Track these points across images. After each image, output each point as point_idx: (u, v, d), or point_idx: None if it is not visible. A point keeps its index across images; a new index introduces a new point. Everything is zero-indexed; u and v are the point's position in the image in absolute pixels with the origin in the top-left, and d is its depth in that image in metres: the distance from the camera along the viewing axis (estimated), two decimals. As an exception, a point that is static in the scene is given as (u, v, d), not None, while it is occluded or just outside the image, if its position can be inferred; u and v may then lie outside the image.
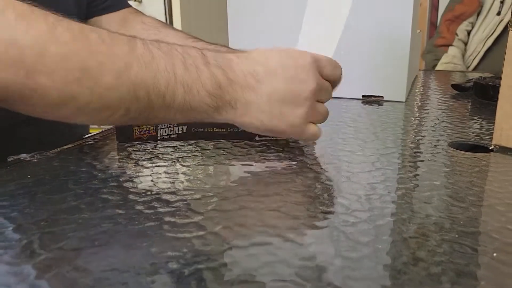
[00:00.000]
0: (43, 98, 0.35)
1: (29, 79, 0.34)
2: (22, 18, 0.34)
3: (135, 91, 0.37)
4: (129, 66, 0.37)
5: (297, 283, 0.26)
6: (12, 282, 0.26)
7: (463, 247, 0.29)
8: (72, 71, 0.35)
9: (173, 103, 0.39)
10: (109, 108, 0.37)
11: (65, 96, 0.35)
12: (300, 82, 0.43)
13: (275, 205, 0.36)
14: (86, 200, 0.37)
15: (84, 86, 0.35)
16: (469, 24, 1.66)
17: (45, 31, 0.34)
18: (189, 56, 0.40)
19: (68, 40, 0.35)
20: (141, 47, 0.38)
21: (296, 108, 0.43)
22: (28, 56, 0.33)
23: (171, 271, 0.27)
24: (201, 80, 0.40)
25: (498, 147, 0.49)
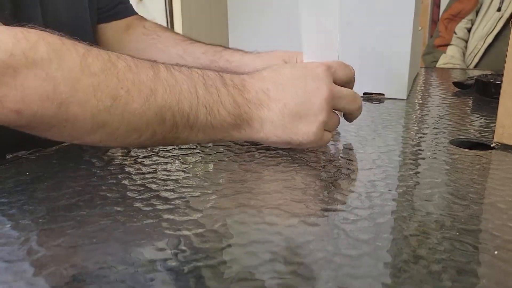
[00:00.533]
0: (75, 127, 0.37)
1: (62, 110, 0.35)
2: (55, 52, 0.35)
3: (161, 114, 0.39)
4: (155, 91, 0.38)
5: (297, 281, 0.25)
6: (10, 279, 0.26)
7: (464, 245, 0.29)
8: (103, 101, 0.36)
9: (196, 123, 0.41)
10: (137, 131, 0.39)
11: (96, 124, 0.37)
12: (311, 94, 0.43)
13: (274, 202, 0.36)
14: (84, 197, 0.37)
15: (114, 114, 0.37)
16: (468, 21, 1.66)
17: (77, 64, 0.36)
18: (208, 78, 0.42)
19: (98, 71, 0.36)
20: (164, 72, 0.40)
21: (310, 120, 0.43)
22: (61, 90, 0.35)
23: (169, 268, 0.27)
24: (221, 100, 0.41)
25: (500, 144, 0.49)
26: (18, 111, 0.34)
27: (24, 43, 0.34)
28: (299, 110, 0.43)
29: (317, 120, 0.43)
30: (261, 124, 0.43)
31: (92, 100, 0.36)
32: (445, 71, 1.21)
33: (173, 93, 0.39)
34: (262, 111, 0.43)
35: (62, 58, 0.35)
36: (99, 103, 0.36)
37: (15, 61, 0.33)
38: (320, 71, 0.44)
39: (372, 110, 0.69)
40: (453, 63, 1.62)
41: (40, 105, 0.35)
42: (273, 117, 0.43)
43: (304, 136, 0.44)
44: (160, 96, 0.38)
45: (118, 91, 0.37)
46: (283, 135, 0.44)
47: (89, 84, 0.36)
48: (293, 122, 0.43)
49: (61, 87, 0.35)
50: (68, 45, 0.36)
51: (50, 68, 0.34)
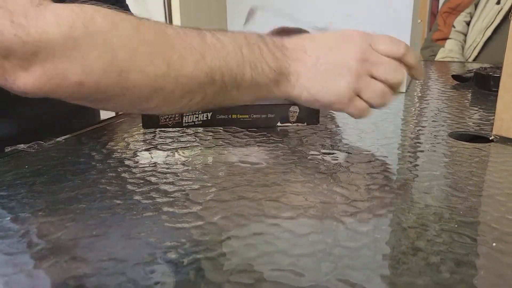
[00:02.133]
0: (134, 94, 0.38)
1: (122, 78, 0.36)
2: (111, 23, 0.36)
3: (212, 75, 0.40)
4: (204, 54, 0.40)
5: (296, 273, 0.26)
6: (10, 271, 0.26)
7: (462, 237, 0.29)
8: (159, 66, 0.38)
9: (243, 81, 0.42)
10: (189, 94, 0.40)
11: (153, 90, 0.38)
12: (343, 52, 0.44)
13: (274, 195, 0.36)
14: (84, 190, 0.37)
15: (169, 78, 0.38)
16: (467, 15, 1.65)
17: (133, 32, 0.37)
18: (251, 37, 0.44)
19: (153, 39, 0.38)
20: (210, 37, 0.41)
21: (341, 77, 0.44)
22: (120, 58, 0.36)
23: (169, 260, 0.27)
24: (264, 57, 0.43)
25: (498, 137, 0.49)
26: (81, 82, 0.35)
27: (82, 15, 0.35)
28: (331, 66, 0.44)
29: (346, 79, 0.44)
30: (296, 78, 0.45)
31: (150, 66, 0.37)
32: (444, 64, 1.21)
33: (221, 55, 0.41)
34: (298, 65, 0.44)
35: (118, 28, 0.36)
36: (156, 69, 0.38)
37: (76, 33, 0.34)
38: (356, 34, 0.45)
39: (371, 103, 0.69)
40: (451, 57, 1.62)
41: (101, 74, 0.36)
42: (307, 71, 0.44)
43: (332, 94, 0.44)
44: (210, 59, 0.40)
45: (171, 57, 0.38)
46: (314, 91, 0.45)
47: (146, 51, 0.37)
48: (324, 78, 0.44)
49: (120, 56, 0.36)
50: (122, 16, 0.37)
51: (108, 38, 0.35)
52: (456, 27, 1.65)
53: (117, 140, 0.50)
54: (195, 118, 0.53)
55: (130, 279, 0.25)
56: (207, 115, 0.53)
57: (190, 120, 0.53)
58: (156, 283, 0.25)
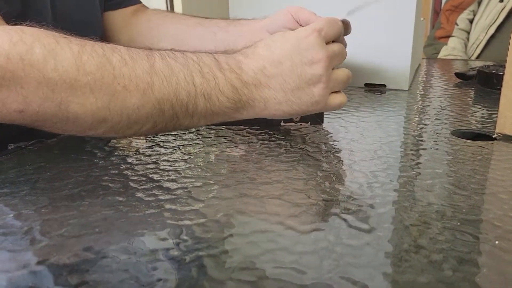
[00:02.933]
0: (76, 124, 0.38)
1: (62, 109, 0.36)
2: (50, 54, 0.35)
3: (160, 105, 0.39)
4: (151, 84, 0.39)
5: (298, 270, 0.26)
6: (13, 268, 0.26)
7: (465, 235, 0.29)
8: (100, 98, 0.37)
9: (196, 111, 0.41)
10: (138, 124, 0.39)
11: (96, 120, 0.38)
12: (309, 63, 0.43)
13: (276, 192, 0.36)
14: (86, 187, 0.37)
15: (113, 110, 0.38)
16: (470, 12, 1.65)
17: (72, 63, 0.36)
18: (204, 65, 0.42)
19: (94, 69, 0.37)
20: (160, 61, 0.40)
21: (313, 88, 0.44)
22: (59, 90, 0.36)
23: (172, 257, 0.27)
24: (219, 87, 0.41)
25: (501, 135, 0.49)
26: (20, 111, 0.35)
27: (20, 45, 0.34)
28: (299, 82, 0.43)
29: (318, 87, 0.44)
30: (264, 103, 0.44)
31: (91, 98, 0.36)
32: (447, 62, 1.20)
33: (170, 85, 0.39)
34: (263, 91, 0.43)
35: (58, 59, 0.35)
36: (98, 101, 0.37)
37: (12, 65, 0.34)
38: (312, 39, 0.44)
39: (374, 101, 0.69)
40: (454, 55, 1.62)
41: (40, 104, 0.36)
42: (275, 94, 0.43)
43: (308, 103, 0.44)
44: (157, 89, 0.39)
45: (115, 87, 0.37)
46: (289, 109, 0.44)
47: (86, 83, 0.36)
48: (296, 95, 0.44)
49: (59, 88, 0.35)
50: (62, 44, 0.36)
51: (46, 70, 0.35)
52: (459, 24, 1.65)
53: (120, 138, 0.50)
54: None
55: (133, 276, 0.25)
56: None
57: None
58: (158, 280, 0.25)
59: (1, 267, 0.26)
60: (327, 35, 0.45)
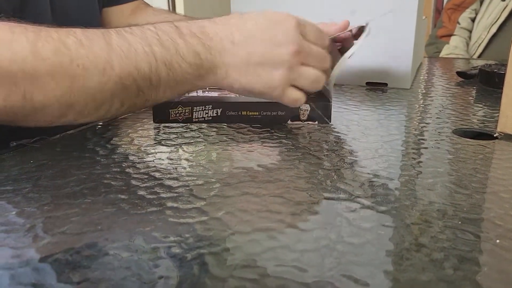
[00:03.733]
0: (45, 113, 0.37)
1: (27, 100, 0.36)
2: (5, 46, 0.35)
3: (122, 81, 0.38)
4: (110, 61, 0.38)
5: (300, 268, 0.26)
6: (15, 265, 0.26)
7: (466, 234, 0.29)
8: (62, 83, 0.36)
9: (159, 82, 0.40)
10: (105, 103, 0.39)
11: (63, 107, 0.37)
12: (278, 44, 0.43)
13: (277, 191, 0.36)
14: (89, 185, 0.37)
15: (76, 93, 0.37)
16: (472, 11, 1.64)
17: (28, 51, 0.35)
18: (162, 33, 0.41)
19: (51, 54, 0.36)
20: (116, 37, 0.39)
21: (274, 69, 0.43)
22: (20, 81, 0.35)
23: (173, 255, 0.27)
24: (180, 53, 0.41)
25: (503, 134, 0.49)
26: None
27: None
28: (264, 59, 0.43)
29: (279, 72, 0.43)
30: (225, 70, 0.43)
31: (52, 84, 0.36)
32: (449, 61, 1.20)
33: (129, 58, 0.39)
34: (226, 57, 0.42)
35: (13, 50, 0.35)
36: (59, 86, 0.36)
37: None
38: (290, 26, 0.43)
39: (375, 99, 0.69)
40: (456, 54, 1.62)
41: (5, 99, 0.35)
42: (238, 63, 0.42)
43: (266, 85, 0.43)
44: (117, 65, 0.38)
45: (74, 69, 0.37)
46: (245, 82, 0.43)
47: (45, 69, 0.36)
48: (256, 70, 0.43)
49: (19, 79, 0.35)
50: (17, 34, 0.36)
51: (4, 63, 0.35)
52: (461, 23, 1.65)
53: (122, 136, 0.50)
54: (205, 114, 0.53)
55: (135, 273, 0.25)
56: (217, 111, 0.53)
57: (200, 116, 0.53)
58: (160, 277, 0.25)
59: (4, 264, 0.26)
60: (306, 31, 0.44)
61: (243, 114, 0.53)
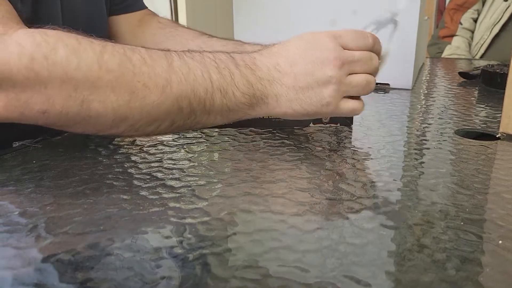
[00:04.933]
0: (98, 122, 0.38)
1: (84, 108, 0.37)
2: (73, 53, 0.36)
3: (178, 102, 0.40)
4: (170, 82, 0.39)
5: (302, 269, 0.26)
6: (18, 265, 0.26)
7: (468, 234, 0.29)
8: (122, 96, 0.38)
9: (213, 107, 0.41)
10: (157, 121, 0.40)
11: (117, 118, 0.38)
12: (321, 63, 0.44)
13: (279, 191, 0.36)
14: (91, 185, 0.37)
15: (133, 107, 0.38)
16: (474, 11, 1.64)
17: (94, 62, 0.37)
18: (220, 61, 0.42)
19: (115, 67, 0.38)
20: (177, 60, 0.41)
21: (323, 88, 0.44)
22: (82, 89, 0.36)
23: (175, 255, 0.27)
24: (234, 82, 0.42)
25: (505, 135, 0.49)
26: (44, 111, 0.36)
27: (44, 46, 0.35)
28: (310, 80, 0.44)
29: (328, 89, 0.44)
30: (276, 100, 0.44)
31: (112, 96, 0.37)
32: (451, 61, 1.20)
33: (188, 81, 0.40)
34: (276, 87, 0.44)
35: (80, 58, 0.36)
36: (119, 98, 0.37)
37: (36, 65, 0.35)
38: (326, 41, 0.44)
39: (377, 100, 0.69)
40: (458, 54, 1.61)
41: (63, 104, 0.36)
42: (287, 91, 0.44)
43: (318, 104, 0.44)
44: (176, 86, 0.39)
45: (135, 85, 0.38)
46: (299, 107, 0.44)
47: (108, 80, 0.37)
48: (306, 94, 0.44)
49: (81, 87, 0.36)
50: (84, 45, 0.37)
51: (70, 69, 0.36)
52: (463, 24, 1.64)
53: (124, 136, 0.50)
54: None
55: (137, 274, 0.25)
56: None
57: None
58: (162, 277, 0.25)
59: (7, 264, 0.27)
60: (344, 41, 0.45)
61: (264, 118, 0.53)
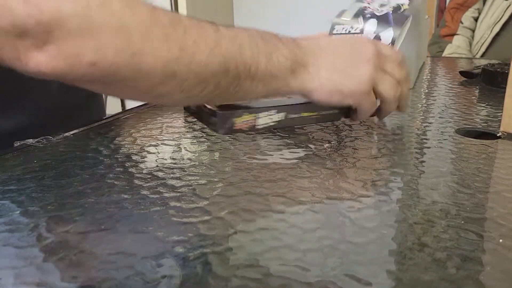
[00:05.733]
0: (147, 78, 0.38)
1: (135, 60, 0.36)
2: (127, 6, 0.36)
3: (226, 64, 0.40)
4: (218, 43, 0.40)
5: (302, 268, 0.26)
6: (20, 264, 0.26)
7: (469, 233, 0.29)
8: (172, 51, 0.37)
9: (257, 72, 0.42)
10: (203, 82, 0.40)
11: (166, 74, 0.38)
12: (360, 48, 0.47)
13: (280, 190, 0.36)
14: (92, 185, 0.37)
15: (182, 64, 0.38)
16: (475, 10, 1.64)
17: (148, 16, 0.37)
18: (265, 33, 0.44)
19: (167, 23, 0.38)
20: (224, 29, 0.42)
21: (361, 65, 0.46)
22: (135, 40, 0.36)
23: (176, 255, 0.27)
24: (279, 49, 0.44)
25: (506, 134, 0.49)
26: (94, 63, 0.35)
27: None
28: (350, 58, 0.46)
29: (366, 67, 0.46)
30: (317, 69, 0.45)
31: (163, 50, 0.37)
32: (452, 61, 1.20)
33: (235, 45, 0.41)
34: (316, 57, 0.46)
35: (134, 10, 0.36)
36: (169, 53, 0.37)
37: (90, 12, 0.34)
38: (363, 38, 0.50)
39: (378, 99, 0.68)
40: (459, 53, 1.61)
41: (115, 55, 0.35)
42: (327, 62, 0.46)
43: (354, 81, 0.46)
44: (224, 48, 0.40)
45: (186, 42, 0.38)
46: (337, 79, 0.46)
47: (160, 34, 0.37)
48: (345, 68, 0.46)
49: (134, 37, 0.36)
50: (136, 1, 0.37)
51: (123, 19, 0.35)
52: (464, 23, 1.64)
53: (124, 136, 0.50)
54: (269, 119, 0.51)
55: (138, 273, 0.25)
56: (280, 116, 0.51)
57: (264, 122, 0.51)
58: (163, 276, 0.25)
59: (8, 263, 0.27)
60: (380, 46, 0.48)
61: (303, 116, 0.53)
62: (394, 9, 0.61)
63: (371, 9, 0.63)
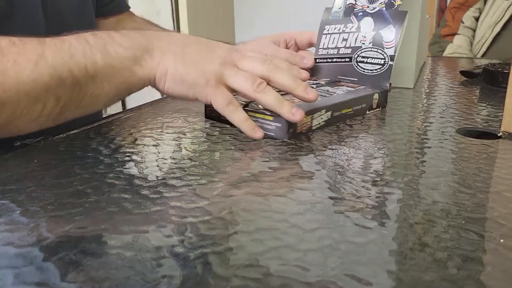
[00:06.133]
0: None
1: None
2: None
3: (57, 73, 0.38)
4: (43, 54, 0.38)
5: (303, 268, 0.26)
6: (20, 264, 0.26)
7: (469, 233, 0.29)
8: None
9: (96, 70, 0.40)
10: (39, 100, 0.38)
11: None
12: (214, 46, 0.46)
13: (281, 190, 0.36)
14: (92, 184, 0.37)
15: (8, 89, 0.36)
16: (476, 10, 1.64)
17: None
18: (98, 32, 0.42)
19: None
20: (50, 39, 0.39)
21: (210, 60, 0.44)
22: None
23: (176, 254, 0.27)
24: (115, 40, 0.41)
25: (507, 133, 0.49)
26: None
27: None
28: (199, 51, 0.44)
29: (215, 63, 0.44)
30: (161, 53, 0.43)
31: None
32: (452, 60, 1.20)
33: (63, 50, 0.38)
34: (162, 42, 0.43)
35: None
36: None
37: None
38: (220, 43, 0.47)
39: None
40: (459, 53, 1.61)
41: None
42: (174, 48, 0.43)
43: (199, 73, 0.44)
44: (50, 57, 0.38)
45: (5, 65, 0.36)
46: (182, 69, 0.44)
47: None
48: (193, 57, 0.44)
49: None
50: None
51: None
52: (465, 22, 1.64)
53: (125, 135, 0.50)
54: (320, 119, 0.51)
55: (138, 273, 0.25)
56: (328, 114, 0.52)
57: (317, 122, 0.51)
58: (163, 276, 0.25)
59: (8, 263, 0.27)
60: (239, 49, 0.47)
61: (342, 113, 0.54)
62: (386, 5, 0.61)
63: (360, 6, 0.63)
